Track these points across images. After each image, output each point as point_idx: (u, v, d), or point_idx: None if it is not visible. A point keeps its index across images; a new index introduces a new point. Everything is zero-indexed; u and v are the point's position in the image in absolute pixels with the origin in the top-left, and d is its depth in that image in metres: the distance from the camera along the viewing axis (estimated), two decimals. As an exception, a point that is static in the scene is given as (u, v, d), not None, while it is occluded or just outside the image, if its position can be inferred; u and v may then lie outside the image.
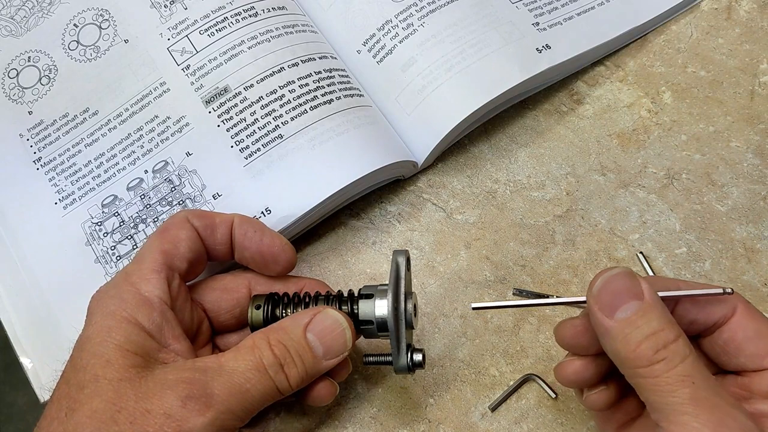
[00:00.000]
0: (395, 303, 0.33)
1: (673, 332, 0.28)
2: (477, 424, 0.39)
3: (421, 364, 0.34)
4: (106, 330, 0.31)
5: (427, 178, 0.47)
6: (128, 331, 0.31)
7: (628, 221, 0.44)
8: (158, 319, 0.32)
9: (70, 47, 0.49)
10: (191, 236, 0.35)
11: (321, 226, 0.45)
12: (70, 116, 0.47)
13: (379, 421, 0.40)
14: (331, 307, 0.34)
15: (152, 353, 0.31)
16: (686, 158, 0.46)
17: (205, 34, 0.46)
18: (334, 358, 0.33)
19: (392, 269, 0.34)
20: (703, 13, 0.51)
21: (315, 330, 0.33)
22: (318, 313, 0.33)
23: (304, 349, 0.32)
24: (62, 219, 0.44)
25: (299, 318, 0.33)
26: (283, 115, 0.44)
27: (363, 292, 0.35)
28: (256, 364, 0.30)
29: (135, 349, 0.30)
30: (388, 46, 0.47)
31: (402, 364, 0.34)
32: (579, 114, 0.48)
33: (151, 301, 0.32)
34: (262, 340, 0.31)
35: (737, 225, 0.44)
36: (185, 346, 0.32)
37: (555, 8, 0.48)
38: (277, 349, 0.31)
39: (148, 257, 0.34)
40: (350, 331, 0.34)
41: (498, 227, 0.45)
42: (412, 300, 0.35)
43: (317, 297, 0.36)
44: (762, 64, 0.49)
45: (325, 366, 0.33)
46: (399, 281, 0.34)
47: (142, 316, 0.31)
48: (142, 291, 0.32)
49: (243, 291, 0.37)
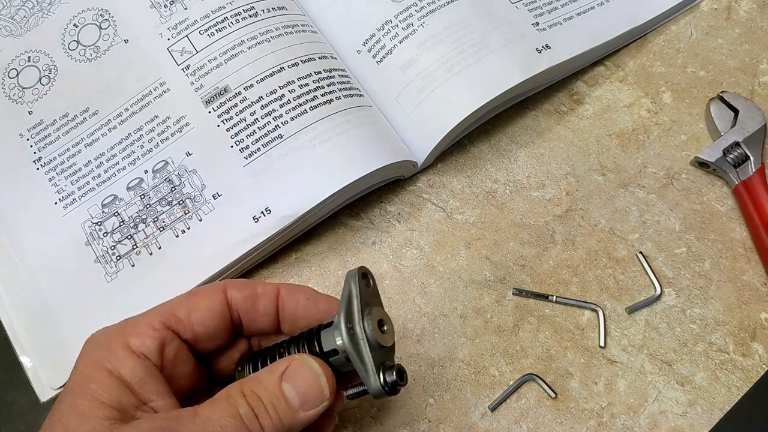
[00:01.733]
0: (348, 324, 0.30)
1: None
2: (477, 424, 0.39)
3: (397, 384, 0.30)
4: (86, 380, 0.30)
5: (427, 178, 0.47)
6: (107, 383, 0.30)
7: (627, 221, 0.44)
8: (141, 374, 0.30)
9: (70, 47, 0.49)
10: (213, 309, 0.33)
11: (321, 226, 0.45)
12: (70, 116, 0.47)
13: (379, 421, 0.40)
14: (308, 355, 0.32)
15: (129, 408, 0.30)
16: (686, 158, 0.46)
17: (205, 34, 0.46)
18: (312, 409, 0.30)
19: (344, 290, 0.31)
20: (702, 13, 0.51)
21: (290, 380, 0.30)
22: (293, 361, 0.31)
23: (278, 399, 0.30)
24: (62, 219, 0.44)
25: (275, 367, 0.31)
26: (283, 115, 0.44)
27: (325, 322, 0.33)
28: (232, 413, 0.29)
29: (112, 401, 0.29)
30: (388, 46, 0.47)
31: (375, 387, 0.30)
32: (579, 114, 0.48)
33: (136, 356, 0.31)
34: (236, 390, 0.30)
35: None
36: (169, 402, 0.31)
37: (555, 8, 0.48)
38: (251, 400, 0.30)
39: (152, 312, 0.33)
40: (326, 377, 0.31)
41: (498, 227, 0.45)
42: (373, 315, 0.31)
43: (291, 341, 0.33)
44: (762, 64, 0.49)
45: (304, 418, 0.30)
46: (351, 300, 0.31)
47: (125, 369, 0.30)
48: (131, 344, 0.31)
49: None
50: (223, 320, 0.33)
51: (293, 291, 0.34)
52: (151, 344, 0.31)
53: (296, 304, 0.34)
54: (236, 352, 0.35)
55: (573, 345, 0.41)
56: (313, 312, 0.34)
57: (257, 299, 0.34)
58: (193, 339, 0.33)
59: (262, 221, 0.42)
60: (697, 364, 0.40)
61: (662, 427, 0.39)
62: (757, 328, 0.41)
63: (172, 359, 0.32)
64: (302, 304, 0.34)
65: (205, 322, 0.33)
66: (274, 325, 0.35)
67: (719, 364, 0.40)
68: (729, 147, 0.44)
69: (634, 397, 0.40)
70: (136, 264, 0.43)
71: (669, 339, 0.41)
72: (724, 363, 0.40)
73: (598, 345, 0.41)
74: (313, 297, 0.34)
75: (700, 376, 0.40)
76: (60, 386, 0.41)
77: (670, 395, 0.39)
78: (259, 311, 0.34)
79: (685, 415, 0.39)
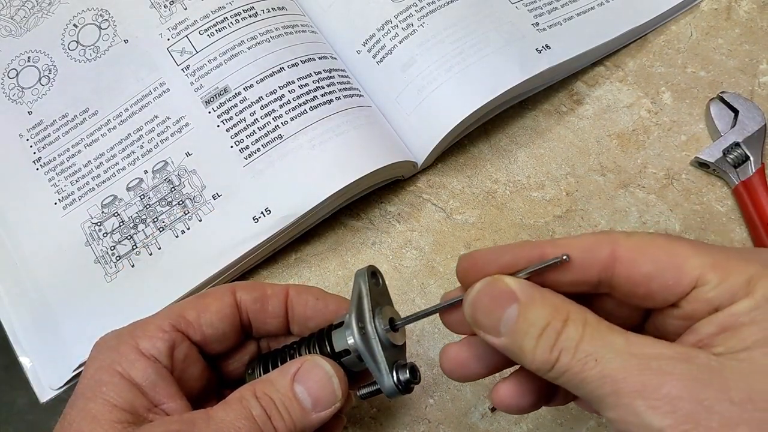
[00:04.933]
0: (360, 323, 0.30)
1: (559, 319, 0.24)
2: (477, 425, 0.39)
3: (411, 381, 0.30)
4: (97, 384, 0.30)
5: (427, 178, 0.47)
6: (119, 387, 0.30)
7: (627, 221, 0.44)
8: (153, 376, 0.30)
9: (69, 47, 0.49)
10: (222, 311, 0.33)
11: (321, 226, 0.45)
12: (69, 116, 0.47)
13: (379, 421, 0.40)
14: (320, 356, 0.31)
15: (141, 410, 0.30)
16: (686, 158, 0.46)
17: (205, 35, 0.46)
18: (324, 410, 0.30)
19: (354, 289, 0.31)
20: (702, 14, 0.51)
21: (302, 381, 0.30)
22: (305, 363, 0.31)
23: (291, 401, 0.30)
24: (62, 219, 0.44)
25: (287, 368, 0.31)
26: (283, 116, 0.44)
27: (335, 322, 0.33)
28: (245, 414, 0.29)
29: (123, 404, 0.29)
30: (388, 46, 0.47)
31: (389, 387, 0.30)
32: (579, 114, 0.48)
33: (147, 358, 0.31)
34: (249, 392, 0.30)
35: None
36: (181, 405, 0.31)
37: (555, 8, 0.48)
38: (264, 401, 0.30)
39: (161, 314, 0.33)
40: (338, 378, 0.31)
41: (498, 227, 0.45)
42: (384, 314, 0.31)
43: (302, 342, 0.33)
44: (762, 64, 0.49)
45: (316, 419, 0.30)
46: (361, 299, 0.31)
47: (135, 371, 0.30)
48: (141, 346, 0.31)
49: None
50: (233, 322, 0.33)
51: (302, 292, 0.34)
52: (161, 346, 0.31)
53: (305, 305, 0.34)
54: (246, 354, 0.35)
55: (573, 345, 0.41)
56: (322, 312, 0.34)
57: (266, 300, 0.34)
58: (203, 341, 0.33)
59: (262, 221, 0.42)
60: (697, 365, 0.40)
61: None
62: (757, 329, 0.41)
63: (182, 361, 0.32)
64: (311, 305, 0.34)
65: (215, 324, 0.33)
66: (283, 326, 0.35)
67: (719, 365, 0.40)
68: (729, 147, 0.44)
69: (634, 397, 0.39)
70: (135, 264, 0.43)
71: (669, 339, 0.41)
72: (724, 363, 0.40)
73: (598, 345, 0.41)
74: (322, 297, 0.34)
75: (700, 376, 0.40)
76: (59, 387, 0.41)
77: (670, 395, 0.39)
78: (269, 312, 0.34)
79: (685, 415, 0.39)
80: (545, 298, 0.25)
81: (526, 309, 0.25)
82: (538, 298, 0.25)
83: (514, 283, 0.26)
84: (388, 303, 0.33)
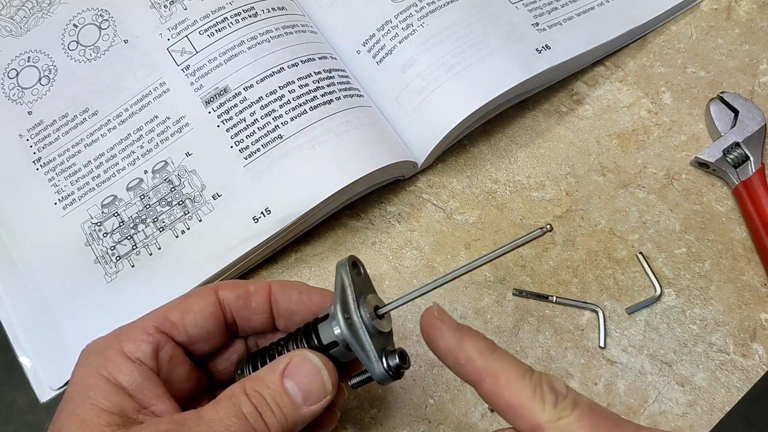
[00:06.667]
0: (345, 314, 0.30)
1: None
2: (477, 425, 0.39)
3: (400, 366, 0.30)
4: (84, 389, 0.30)
5: (427, 178, 0.47)
6: (106, 390, 0.30)
7: (627, 221, 0.44)
8: (139, 379, 0.31)
9: (69, 47, 0.49)
10: (205, 310, 0.33)
11: (321, 226, 0.45)
12: (69, 116, 0.47)
13: (379, 421, 0.40)
14: (308, 349, 0.32)
15: (130, 413, 0.30)
16: (686, 158, 0.46)
17: (205, 35, 0.46)
18: (315, 403, 0.30)
19: (336, 281, 0.31)
20: (702, 14, 0.51)
21: (292, 376, 0.31)
22: (294, 357, 0.31)
23: (281, 396, 0.30)
24: (62, 219, 0.44)
25: (276, 364, 0.31)
26: (283, 116, 0.44)
27: (320, 314, 0.33)
28: (236, 412, 0.29)
29: (112, 408, 0.29)
30: (388, 46, 0.47)
31: (380, 373, 0.30)
32: (579, 114, 0.48)
33: (132, 361, 0.31)
34: (239, 390, 0.30)
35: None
36: (169, 406, 0.31)
37: (555, 8, 0.48)
38: (254, 398, 0.30)
39: (146, 317, 0.33)
40: (327, 371, 0.31)
41: (498, 227, 0.45)
42: (369, 302, 0.31)
43: (289, 338, 0.33)
44: (762, 64, 0.49)
45: (307, 413, 0.31)
46: (345, 290, 0.31)
47: (121, 375, 0.30)
48: (125, 350, 0.31)
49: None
50: (217, 321, 0.33)
51: (285, 286, 0.34)
52: (146, 349, 0.31)
53: (289, 299, 0.34)
54: (234, 354, 0.35)
55: (573, 345, 0.41)
56: (307, 306, 0.34)
57: (249, 297, 0.34)
58: (188, 341, 0.33)
59: (262, 221, 0.42)
60: (697, 365, 0.40)
61: (662, 427, 0.39)
62: (757, 329, 0.41)
63: (168, 362, 0.32)
64: (295, 299, 0.34)
65: (199, 324, 0.33)
66: (269, 322, 0.35)
67: (719, 365, 0.40)
68: (729, 147, 0.44)
69: (634, 397, 0.40)
70: (135, 264, 0.43)
71: (669, 339, 0.41)
72: (724, 363, 0.40)
73: (598, 345, 0.41)
74: (305, 291, 0.34)
75: (700, 376, 0.40)
76: (59, 387, 0.41)
77: (670, 396, 0.39)
78: (253, 309, 0.34)
79: (685, 415, 0.39)
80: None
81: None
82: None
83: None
84: (371, 291, 0.33)
